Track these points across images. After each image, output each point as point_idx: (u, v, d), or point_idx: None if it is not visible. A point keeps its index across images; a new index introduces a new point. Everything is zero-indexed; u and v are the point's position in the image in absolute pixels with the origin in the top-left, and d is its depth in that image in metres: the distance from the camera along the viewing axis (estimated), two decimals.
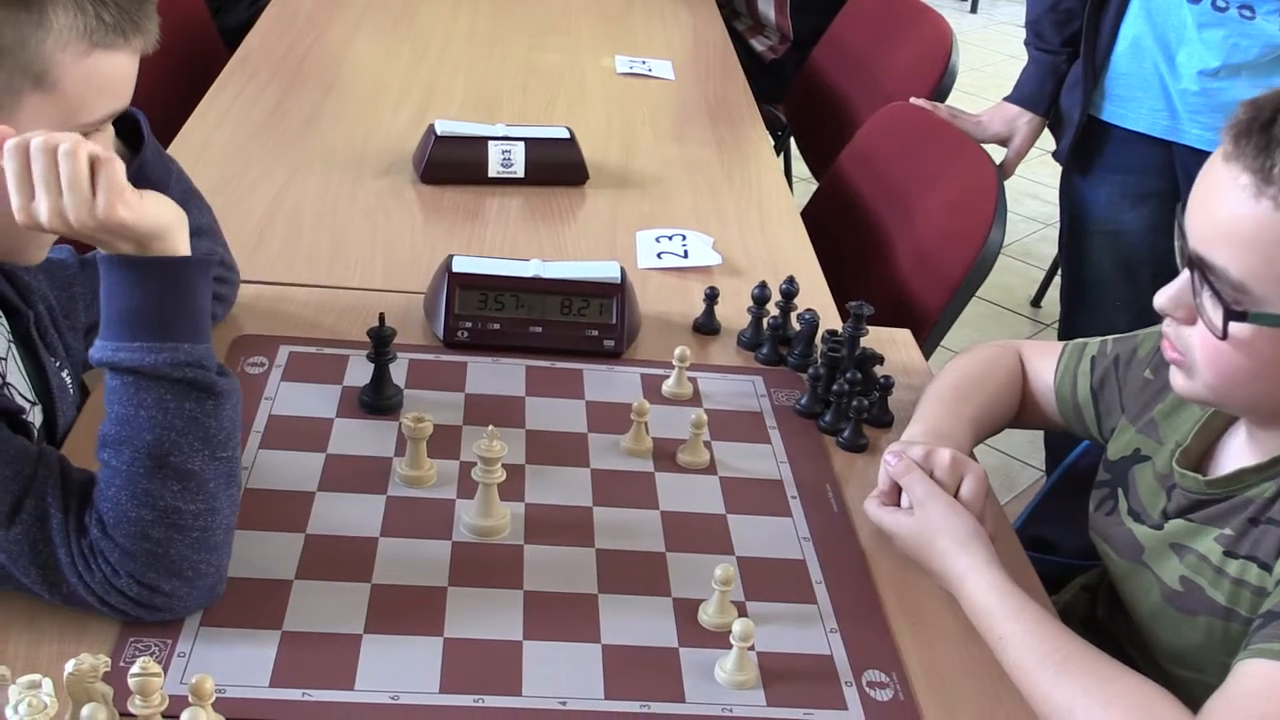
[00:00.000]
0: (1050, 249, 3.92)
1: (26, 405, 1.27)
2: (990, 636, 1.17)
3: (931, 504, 1.26)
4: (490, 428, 1.27)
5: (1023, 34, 2.38)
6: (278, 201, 1.91)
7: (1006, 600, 1.18)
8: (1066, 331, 2.41)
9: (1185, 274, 1.13)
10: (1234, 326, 1.09)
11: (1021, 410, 1.53)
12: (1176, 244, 1.15)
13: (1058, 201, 2.45)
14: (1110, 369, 1.44)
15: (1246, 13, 2.06)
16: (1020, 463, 3.16)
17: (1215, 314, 1.10)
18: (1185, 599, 1.22)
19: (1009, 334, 3.62)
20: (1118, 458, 1.37)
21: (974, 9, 7.24)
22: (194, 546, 1.08)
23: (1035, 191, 4.48)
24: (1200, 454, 1.27)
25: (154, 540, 1.06)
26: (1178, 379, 1.19)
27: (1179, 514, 1.25)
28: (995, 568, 1.21)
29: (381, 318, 1.42)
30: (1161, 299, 1.16)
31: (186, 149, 2.02)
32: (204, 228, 1.52)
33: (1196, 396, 1.20)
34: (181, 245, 1.12)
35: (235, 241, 1.77)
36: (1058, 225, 2.51)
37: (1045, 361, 1.51)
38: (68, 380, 1.36)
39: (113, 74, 1.14)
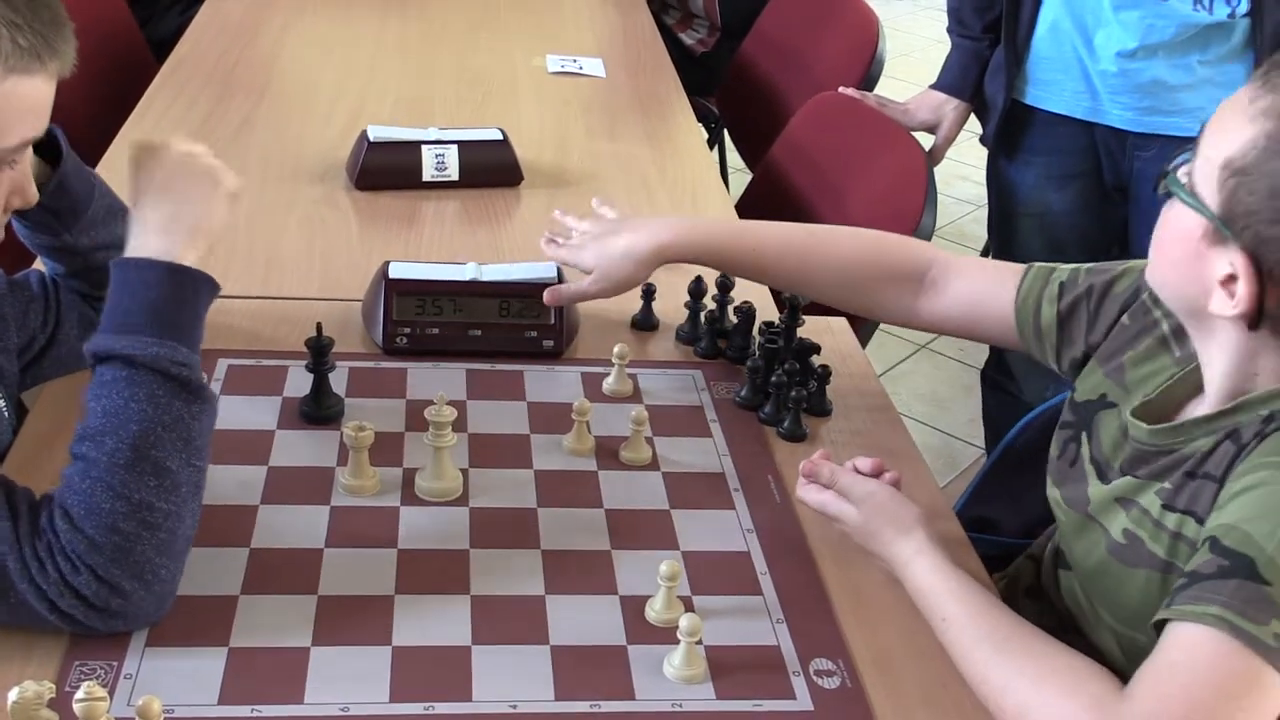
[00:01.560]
0: (984, 230, 3.95)
1: None
2: (933, 618, 1.18)
3: (874, 498, 1.27)
4: (440, 393, 1.30)
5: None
6: None
7: (949, 582, 1.18)
8: None
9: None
10: (1161, 194, 1.16)
11: (962, 322, 1.50)
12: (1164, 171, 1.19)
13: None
14: (1082, 299, 1.39)
15: None
16: (962, 442, 3.19)
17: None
18: (1127, 552, 1.22)
19: None
20: (1084, 400, 1.35)
21: None
22: (158, 548, 1.07)
23: (966, 174, 4.51)
24: (1161, 412, 1.26)
25: (123, 534, 1.05)
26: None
27: (1128, 469, 1.25)
28: (938, 552, 1.22)
29: (319, 327, 1.41)
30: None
31: (118, 162, 1.98)
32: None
33: (1149, 280, 1.24)
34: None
35: None
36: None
37: (1001, 277, 1.46)
38: (1, 403, 1.33)
39: (29, 99, 1.12)
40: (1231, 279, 1.09)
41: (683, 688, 1.11)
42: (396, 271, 1.59)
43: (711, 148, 3.25)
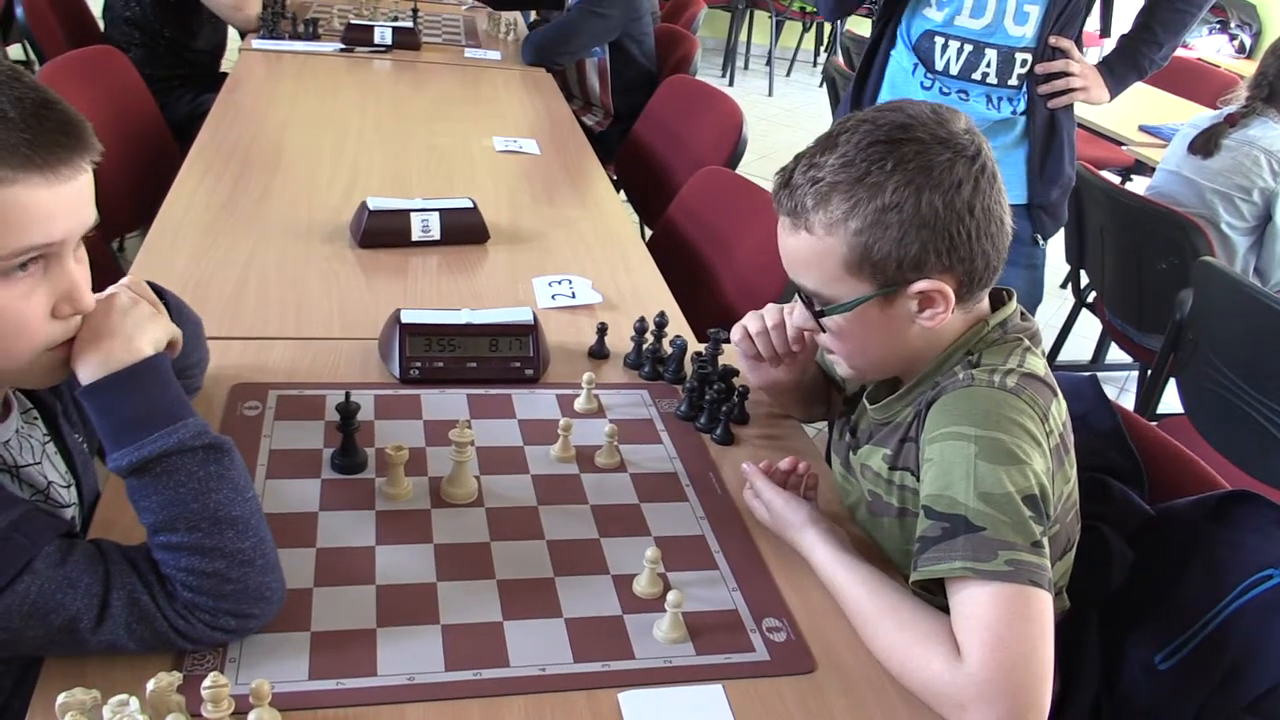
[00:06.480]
0: None
1: (63, 493, 1.14)
2: (833, 591, 1.17)
3: (774, 502, 1.26)
4: (463, 419, 1.26)
5: (766, 101, 2.39)
6: (247, 268, 1.78)
7: (839, 566, 1.16)
8: None
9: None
10: (825, 320, 1.17)
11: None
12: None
13: None
14: None
15: (963, 96, 2.14)
16: None
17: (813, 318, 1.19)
18: (874, 505, 1.25)
19: None
20: (851, 395, 1.38)
21: (731, 83, 7.34)
22: (261, 571, 0.99)
23: None
24: (886, 394, 1.27)
25: (233, 581, 0.97)
26: (837, 368, 1.26)
27: (867, 440, 1.28)
28: (829, 542, 1.19)
29: (347, 395, 1.29)
30: (796, 321, 1.25)
31: (167, 229, 1.88)
32: (198, 335, 1.37)
33: (852, 376, 1.26)
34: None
35: (218, 302, 1.67)
36: None
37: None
38: (85, 449, 1.23)
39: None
40: (926, 301, 1.13)
41: (670, 647, 1.09)
42: (407, 317, 1.53)
43: None
